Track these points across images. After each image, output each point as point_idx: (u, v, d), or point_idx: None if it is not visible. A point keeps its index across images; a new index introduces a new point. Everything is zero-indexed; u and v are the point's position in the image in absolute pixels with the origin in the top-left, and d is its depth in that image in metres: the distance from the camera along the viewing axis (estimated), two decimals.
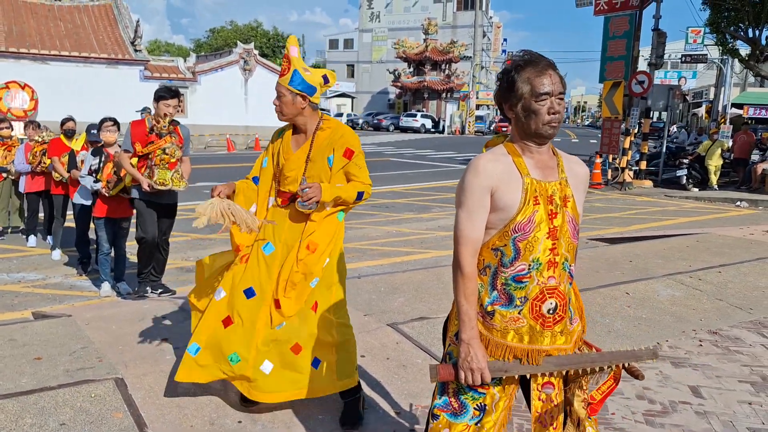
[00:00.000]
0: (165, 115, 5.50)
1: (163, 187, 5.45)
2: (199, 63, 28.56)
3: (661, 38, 16.31)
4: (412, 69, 51.96)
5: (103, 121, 6.34)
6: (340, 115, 47.14)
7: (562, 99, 2.05)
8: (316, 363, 3.08)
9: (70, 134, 7.54)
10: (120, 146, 5.94)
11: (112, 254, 6.37)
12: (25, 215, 8.44)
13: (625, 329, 4.86)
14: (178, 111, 5.64)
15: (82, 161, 6.87)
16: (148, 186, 5.42)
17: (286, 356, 3.06)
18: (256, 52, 29.47)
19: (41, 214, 8.30)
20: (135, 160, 5.57)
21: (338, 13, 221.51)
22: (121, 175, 5.98)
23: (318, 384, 3.10)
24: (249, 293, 3.05)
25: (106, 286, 6.24)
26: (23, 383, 3.39)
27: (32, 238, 8.24)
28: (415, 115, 47.31)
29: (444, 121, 49.11)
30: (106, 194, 6.02)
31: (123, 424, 3.11)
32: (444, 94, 50.97)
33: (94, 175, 6.20)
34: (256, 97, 28.25)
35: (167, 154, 5.47)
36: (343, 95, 55.49)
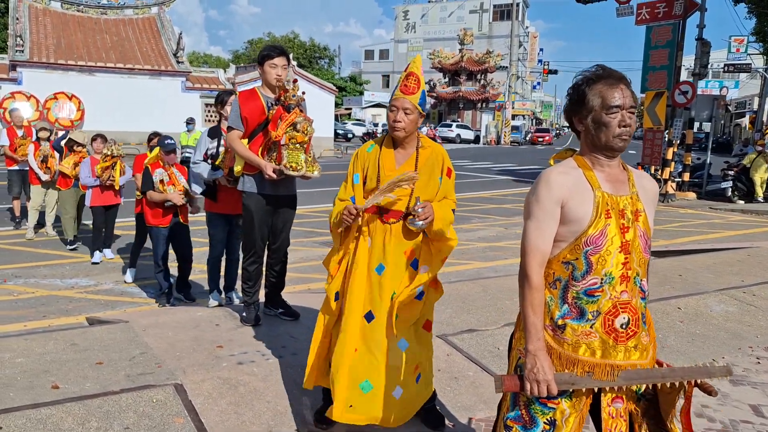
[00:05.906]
0: (277, 79, 4.31)
1: (294, 173, 4.21)
2: (238, 74, 29.06)
3: (705, 48, 16.01)
4: (447, 79, 51.93)
5: (224, 94, 5.35)
6: (375, 125, 47.30)
7: (633, 113, 2.06)
8: (418, 378, 3.14)
9: None
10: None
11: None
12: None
13: (678, 345, 4.77)
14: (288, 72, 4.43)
15: (161, 180, 6.00)
16: (274, 171, 4.18)
17: (409, 378, 3.06)
18: (293, 63, 29.88)
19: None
20: (245, 141, 4.41)
21: (373, 24, 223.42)
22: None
23: (417, 398, 3.13)
24: (369, 317, 3.05)
25: (215, 298, 5.48)
26: (87, 387, 3.48)
27: (97, 254, 7.89)
28: (450, 126, 47.19)
29: (479, 131, 48.93)
30: (227, 184, 4.99)
31: (184, 429, 3.18)
32: (479, 105, 50.76)
33: (210, 161, 5.16)
34: None
35: (298, 131, 4.18)
36: (378, 105, 55.75)
